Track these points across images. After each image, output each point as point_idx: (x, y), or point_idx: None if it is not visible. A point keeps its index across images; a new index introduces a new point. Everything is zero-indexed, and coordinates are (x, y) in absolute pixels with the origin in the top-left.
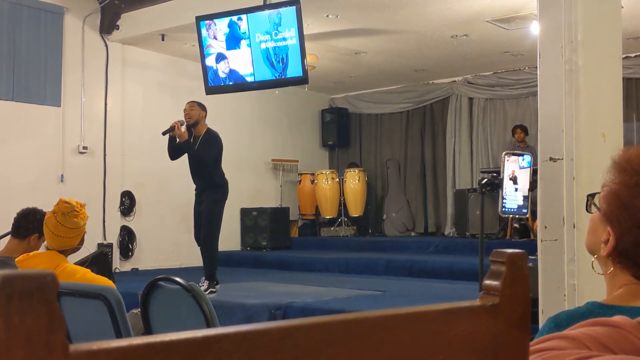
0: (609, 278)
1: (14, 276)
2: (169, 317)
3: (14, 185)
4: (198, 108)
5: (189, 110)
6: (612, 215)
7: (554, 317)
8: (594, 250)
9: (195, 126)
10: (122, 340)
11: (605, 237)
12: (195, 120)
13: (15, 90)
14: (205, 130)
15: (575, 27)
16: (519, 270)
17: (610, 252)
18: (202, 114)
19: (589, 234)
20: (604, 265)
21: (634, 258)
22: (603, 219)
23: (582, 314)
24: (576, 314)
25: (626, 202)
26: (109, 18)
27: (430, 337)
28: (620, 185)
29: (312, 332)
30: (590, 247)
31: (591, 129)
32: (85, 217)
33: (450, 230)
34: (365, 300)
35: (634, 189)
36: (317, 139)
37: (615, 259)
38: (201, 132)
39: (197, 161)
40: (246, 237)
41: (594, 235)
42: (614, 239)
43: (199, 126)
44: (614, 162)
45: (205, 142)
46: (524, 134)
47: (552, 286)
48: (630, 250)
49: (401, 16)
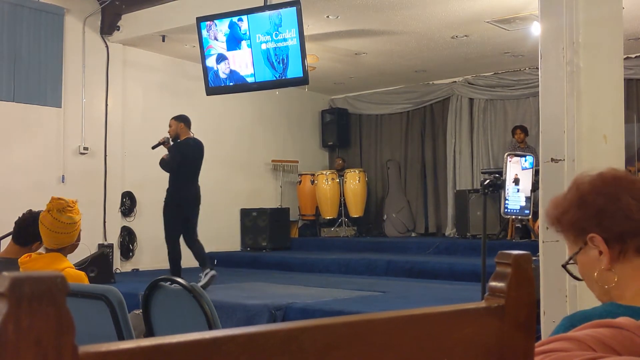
0: (620, 282)
1: (24, 279)
2: (170, 317)
3: (15, 186)
4: (175, 123)
5: (169, 128)
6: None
7: (570, 316)
8: (594, 290)
9: (178, 139)
10: (130, 342)
11: (595, 255)
12: (176, 135)
13: (16, 91)
14: (185, 138)
15: (577, 29)
16: (524, 272)
17: (609, 256)
18: (179, 125)
19: (590, 281)
20: (605, 280)
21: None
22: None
23: (600, 314)
24: (593, 314)
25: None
26: (109, 19)
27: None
28: (572, 207)
29: (318, 334)
30: (600, 288)
31: (592, 130)
32: (79, 213)
33: (451, 231)
34: (366, 301)
35: (585, 196)
36: (317, 139)
37: (618, 259)
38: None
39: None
40: (246, 238)
41: (591, 272)
42: (602, 242)
43: (181, 137)
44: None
45: (170, 150)
46: (524, 135)
47: (554, 288)
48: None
49: (401, 17)
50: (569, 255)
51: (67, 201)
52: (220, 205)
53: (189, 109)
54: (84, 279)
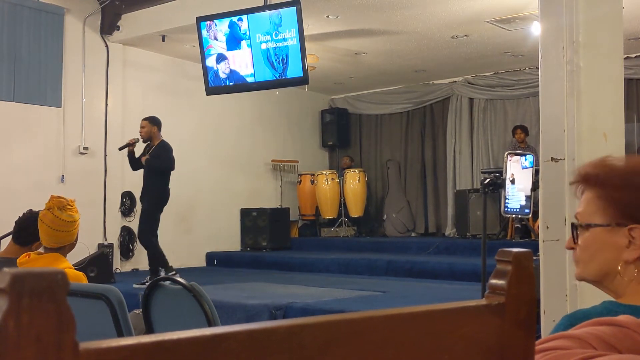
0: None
1: (24, 275)
2: (170, 317)
3: (15, 186)
4: (149, 125)
5: (141, 129)
6: (634, 212)
7: (569, 315)
8: (609, 270)
9: (149, 141)
10: (131, 339)
11: (622, 242)
12: (148, 137)
13: (15, 91)
14: (159, 142)
15: (577, 28)
16: (525, 270)
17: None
18: (153, 129)
19: (594, 257)
20: (625, 274)
21: None
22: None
23: (600, 312)
24: (593, 312)
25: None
26: (109, 19)
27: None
28: (625, 184)
29: (318, 331)
30: (601, 270)
31: (592, 130)
32: (78, 212)
33: (451, 231)
34: (366, 301)
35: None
36: (317, 139)
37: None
38: (154, 143)
39: (147, 168)
40: (246, 238)
41: (603, 253)
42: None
43: (153, 140)
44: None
45: (156, 152)
46: (525, 135)
47: (554, 286)
48: None
49: (401, 17)
50: (585, 216)
51: (66, 199)
52: (220, 205)
53: (189, 109)
54: (83, 279)
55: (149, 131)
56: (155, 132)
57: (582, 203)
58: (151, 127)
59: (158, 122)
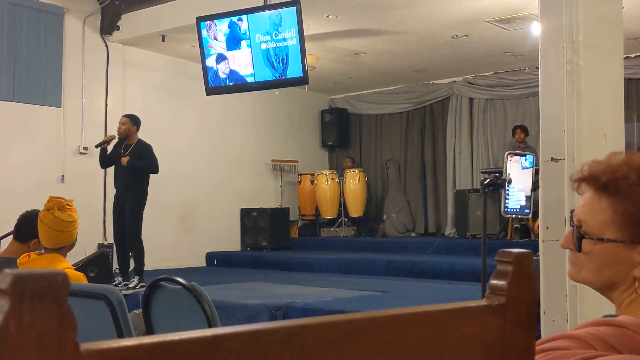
0: None
1: (25, 275)
2: (170, 317)
3: (15, 186)
4: (129, 123)
5: (121, 126)
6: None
7: None
8: (617, 281)
9: (125, 139)
10: (132, 339)
11: (634, 258)
12: (125, 135)
13: (15, 91)
14: (137, 141)
15: (577, 28)
16: (525, 270)
17: None
18: (132, 128)
19: (604, 269)
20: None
21: None
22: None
23: None
24: None
25: None
26: (109, 19)
27: (437, 336)
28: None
29: (320, 331)
30: (609, 280)
31: (592, 130)
32: (76, 212)
33: (451, 231)
34: (366, 301)
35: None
36: (317, 139)
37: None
38: (132, 142)
39: (125, 168)
40: (246, 238)
41: (614, 266)
42: None
43: (130, 138)
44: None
45: (136, 152)
46: (524, 135)
47: (554, 287)
48: None
49: (401, 17)
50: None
51: (65, 200)
52: (220, 205)
53: (189, 109)
54: (82, 279)
55: (128, 129)
56: (133, 131)
57: (586, 205)
58: (131, 125)
59: (138, 122)
